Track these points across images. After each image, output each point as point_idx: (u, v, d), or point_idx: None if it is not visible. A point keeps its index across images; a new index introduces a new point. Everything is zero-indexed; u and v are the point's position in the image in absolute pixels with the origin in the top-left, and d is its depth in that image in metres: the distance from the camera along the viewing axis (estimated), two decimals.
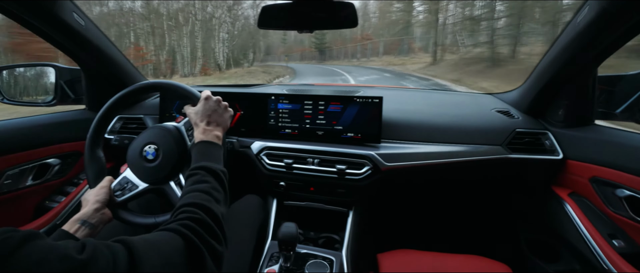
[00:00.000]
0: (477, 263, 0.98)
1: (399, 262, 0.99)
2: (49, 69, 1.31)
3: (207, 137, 0.76)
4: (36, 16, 0.97)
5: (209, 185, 0.64)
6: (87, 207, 0.75)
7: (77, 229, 0.70)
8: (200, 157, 0.71)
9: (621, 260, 0.84)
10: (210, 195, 0.61)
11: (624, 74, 0.98)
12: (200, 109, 0.81)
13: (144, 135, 0.86)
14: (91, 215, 0.74)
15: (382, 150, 1.12)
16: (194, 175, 0.66)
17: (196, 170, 0.67)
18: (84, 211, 0.74)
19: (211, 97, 0.83)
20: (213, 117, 0.81)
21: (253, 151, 1.20)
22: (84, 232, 0.71)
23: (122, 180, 0.84)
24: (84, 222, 0.71)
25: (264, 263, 0.98)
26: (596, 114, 1.05)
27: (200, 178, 0.65)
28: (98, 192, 0.79)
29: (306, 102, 1.20)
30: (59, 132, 1.23)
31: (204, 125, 0.79)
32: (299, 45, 54.10)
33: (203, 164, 0.68)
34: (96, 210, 0.75)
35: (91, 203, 0.76)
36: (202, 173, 0.66)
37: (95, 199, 0.76)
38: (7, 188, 1.07)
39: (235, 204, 1.06)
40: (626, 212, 0.86)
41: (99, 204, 0.76)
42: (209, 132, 0.78)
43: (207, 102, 0.82)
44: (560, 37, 0.95)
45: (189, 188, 0.63)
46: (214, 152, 0.74)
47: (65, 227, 0.70)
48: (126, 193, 0.83)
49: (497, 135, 1.14)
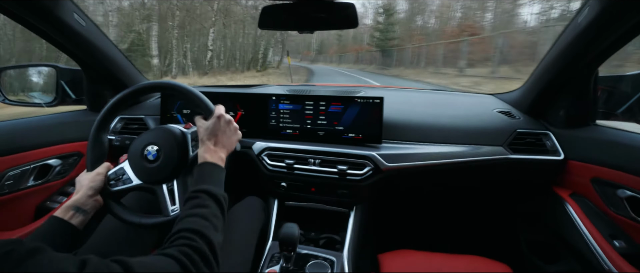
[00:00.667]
0: (478, 264, 0.98)
1: (400, 262, 0.99)
2: (49, 70, 1.31)
3: (212, 158, 0.75)
4: (37, 16, 0.97)
5: (209, 210, 0.63)
6: (81, 193, 0.75)
7: (71, 216, 0.71)
8: (204, 178, 0.70)
9: (622, 260, 0.84)
10: (210, 221, 0.61)
11: (625, 74, 0.98)
12: (211, 126, 0.79)
13: (149, 134, 0.86)
14: (84, 201, 0.75)
15: (383, 151, 1.12)
16: (196, 198, 0.65)
17: (198, 193, 0.66)
18: (78, 197, 0.74)
19: (224, 115, 0.82)
20: (221, 138, 0.79)
21: (254, 151, 1.20)
22: (77, 218, 0.72)
23: (118, 171, 0.85)
24: (77, 209, 0.73)
25: (264, 263, 0.98)
26: (597, 115, 1.05)
27: (201, 203, 0.64)
28: (94, 178, 0.79)
29: (307, 103, 1.20)
30: (60, 133, 1.23)
31: (211, 144, 0.78)
32: (356, 43, 46.56)
33: (206, 188, 0.67)
34: (89, 197, 0.76)
35: (85, 188, 0.76)
36: (204, 197, 0.65)
37: (90, 185, 0.77)
38: (8, 188, 1.07)
39: (236, 206, 1.06)
40: (627, 213, 0.86)
41: (93, 191, 0.77)
42: (214, 153, 0.76)
43: (219, 121, 0.80)
44: (561, 37, 0.95)
45: (190, 212, 0.62)
46: (218, 175, 0.73)
47: (58, 213, 0.71)
48: (119, 185, 0.84)
49: (498, 135, 1.14)
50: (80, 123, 1.30)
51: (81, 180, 0.80)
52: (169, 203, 0.82)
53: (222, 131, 0.80)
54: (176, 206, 0.81)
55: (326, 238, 1.17)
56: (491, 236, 1.52)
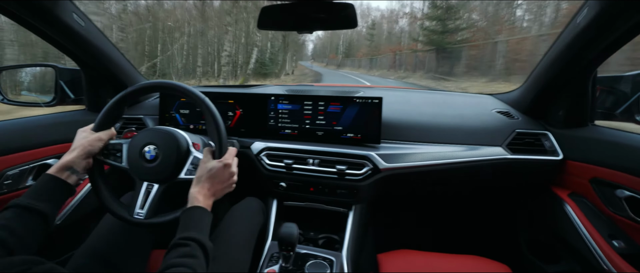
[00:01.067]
0: (477, 264, 0.98)
1: (399, 262, 0.98)
2: (48, 70, 1.31)
3: (204, 202, 0.73)
4: (36, 16, 0.97)
5: (197, 261, 0.62)
6: (76, 153, 0.76)
7: (67, 176, 0.73)
8: (195, 225, 0.69)
9: (621, 260, 0.84)
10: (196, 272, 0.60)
11: (624, 75, 0.98)
12: (215, 171, 0.77)
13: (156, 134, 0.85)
14: (79, 162, 0.76)
15: (382, 151, 1.12)
16: (186, 246, 0.63)
17: (189, 241, 0.64)
18: (72, 157, 0.75)
19: (231, 165, 0.80)
20: (217, 186, 0.78)
21: (253, 151, 1.20)
22: (72, 178, 0.74)
23: (117, 145, 0.85)
24: (72, 170, 0.74)
25: (264, 263, 0.98)
26: (596, 115, 1.05)
27: (190, 252, 0.63)
28: (94, 142, 0.80)
29: (306, 103, 1.20)
30: (59, 133, 1.23)
31: (207, 186, 0.76)
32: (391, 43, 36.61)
33: (195, 236, 0.65)
34: (84, 158, 0.77)
35: (81, 150, 0.77)
36: (193, 246, 0.64)
37: (88, 148, 0.78)
38: (7, 188, 1.07)
39: (235, 207, 1.06)
40: (626, 213, 0.86)
41: (88, 155, 0.78)
42: (206, 198, 0.75)
43: (225, 169, 0.78)
44: (560, 37, 0.95)
45: (177, 261, 0.60)
46: (206, 221, 0.72)
47: (53, 171, 0.72)
48: (110, 159, 0.85)
49: (497, 135, 1.14)
50: (79, 123, 1.29)
51: (80, 137, 0.80)
52: (138, 204, 0.82)
53: (221, 181, 0.79)
54: (143, 211, 0.81)
55: (325, 238, 1.17)
56: (490, 236, 1.52)
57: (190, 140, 0.87)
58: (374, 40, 47.02)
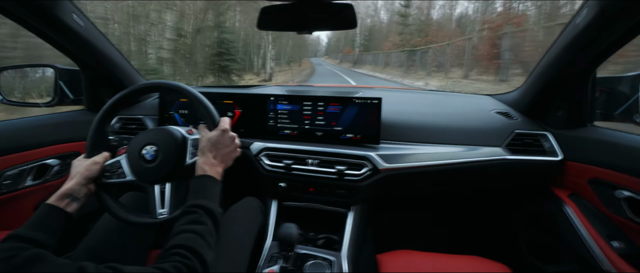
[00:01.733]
0: (477, 264, 0.98)
1: (398, 262, 0.99)
2: (48, 70, 1.31)
3: (211, 171, 0.75)
4: (35, 16, 0.97)
5: (205, 228, 0.63)
6: (75, 180, 0.75)
7: (66, 204, 0.72)
8: (201, 193, 0.70)
9: (621, 261, 0.84)
10: (205, 240, 0.62)
11: (623, 76, 0.98)
12: (214, 138, 0.79)
13: (150, 134, 0.85)
14: (78, 189, 0.75)
15: (382, 151, 1.12)
16: (193, 213, 0.65)
17: (196, 209, 0.66)
18: (71, 185, 0.74)
19: (228, 130, 0.81)
20: (221, 152, 0.79)
21: (252, 152, 1.20)
22: (71, 206, 0.73)
23: (115, 164, 0.85)
24: (72, 197, 0.73)
25: (263, 263, 0.98)
26: (595, 116, 1.06)
27: (198, 218, 0.64)
28: (90, 167, 0.79)
29: (305, 103, 1.20)
30: (59, 133, 1.23)
31: (211, 156, 0.77)
32: (440, 30, 24.72)
33: (204, 204, 0.67)
34: (83, 185, 0.76)
35: (80, 176, 0.76)
36: (201, 213, 0.65)
37: (85, 173, 0.77)
38: (6, 188, 1.07)
39: (234, 206, 1.06)
40: (625, 213, 0.86)
41: (87, 180, 0.77)
42: (213, 166, 0.76)
43: (223, 134, 0.80)
44: (560, 38, 0.95)
45: (185, 227, 0.62)
46: (215, 189, 0.73)
47: (53, 201, 0.71)
48: (113, 178, 0.84)
49: (497, 136, 1.14)
50: (78, 123, 1.30)
51: (76, 166, 0.80)
52: (158, 205, 0.82)
53: (224, 145, 0.80)
54: (165, 209, 0.81)
55: (325, 238, 1.17)
56: (490, 236, 1.52)
57: (183, 130, 0.88)
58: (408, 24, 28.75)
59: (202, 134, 0.82)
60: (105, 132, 0.89)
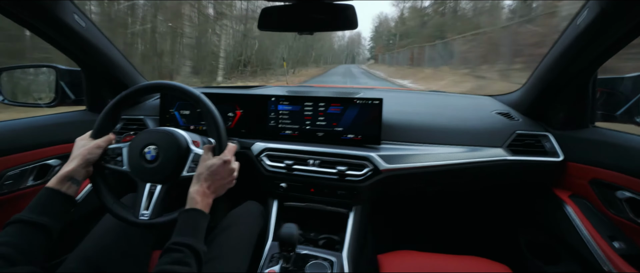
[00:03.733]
0: (478, 265, 0.98)
1: (399, 263, 0.99)
2: (49, 70, 1.31)
3: (202, 203, 0.72)
4: (36, 17, 0.97)
5: (189, 269, 0.61)
6: (76, 162, 0.76)
7: (67, 187, 0.73)
8: (190, 229, 0.68)
9: (622, 261, 0.84)
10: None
11: (624, 76, 0.98)
12: (215, 168, 0.76)
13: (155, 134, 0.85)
14: (79, 172, 0.76)
15: (382, 152, 1.12)
16: (178, 252, 0.62)
17: (182, 247, 0.63)
18: (73, 167, 0.75)
19: (230, 161, 0.79)
20: (217, 184, 0.77)
21: (253, 152, 1.20)
22: (71, 188, 0.73)
23: (117, 150, 0.85)
24: (72, 179, 0.74)
25: (264, 264, 0.98)
26: (596, 116, 1.06)
27: (182, 259, 0.62)
28: (93, 150, 0.80)
29: (306, 104, 1.21)
30: (60, 133, 1.23)
31: (205, 186, 0.74)
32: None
33: (190, 243, 0.64)
34: (84, 167, 0.77)
35: (81, 159, 0.77)
36: (187, 254, 0.63)
37: (87, 156, 0.78)
38: (7, 188, 1.07)
39: (235, 210, 1.06)
40: (626, 214, 0.86)
41: (88, 163, 0.78)
42: (205, 197, 0.73)
43: (224, 166, 0.77)
44: (561, 38, 0.95)
45: (169, 268, 0.60)
46: (203, 225, 0.70)
47: (53, 184, 0.71)
48: (111, 163, 0.84)
49: (498, 137, 1.14)
50: (79, 123, 1.30)
51: (79, 146, 0.80)
52: (143, 205, 0.81)
53: (221, 177, 0.77)
54: (148, 212, 0.81)
55: (326, 239, 1.17)
56: (491, 237, 1.52)
57: (189, 138, 0.87)
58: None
59: (204, 156, 0.79)
60: (116, 119, 0.89)
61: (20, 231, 0.64)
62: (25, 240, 0.63)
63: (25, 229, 0.64)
